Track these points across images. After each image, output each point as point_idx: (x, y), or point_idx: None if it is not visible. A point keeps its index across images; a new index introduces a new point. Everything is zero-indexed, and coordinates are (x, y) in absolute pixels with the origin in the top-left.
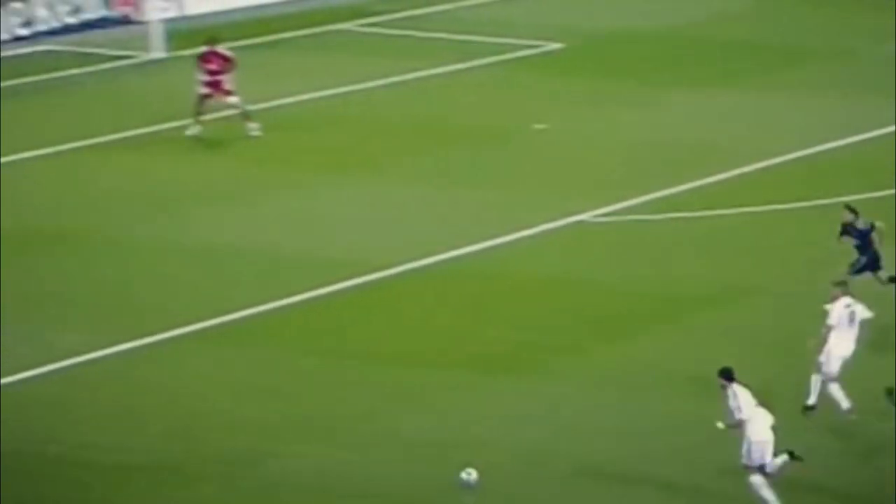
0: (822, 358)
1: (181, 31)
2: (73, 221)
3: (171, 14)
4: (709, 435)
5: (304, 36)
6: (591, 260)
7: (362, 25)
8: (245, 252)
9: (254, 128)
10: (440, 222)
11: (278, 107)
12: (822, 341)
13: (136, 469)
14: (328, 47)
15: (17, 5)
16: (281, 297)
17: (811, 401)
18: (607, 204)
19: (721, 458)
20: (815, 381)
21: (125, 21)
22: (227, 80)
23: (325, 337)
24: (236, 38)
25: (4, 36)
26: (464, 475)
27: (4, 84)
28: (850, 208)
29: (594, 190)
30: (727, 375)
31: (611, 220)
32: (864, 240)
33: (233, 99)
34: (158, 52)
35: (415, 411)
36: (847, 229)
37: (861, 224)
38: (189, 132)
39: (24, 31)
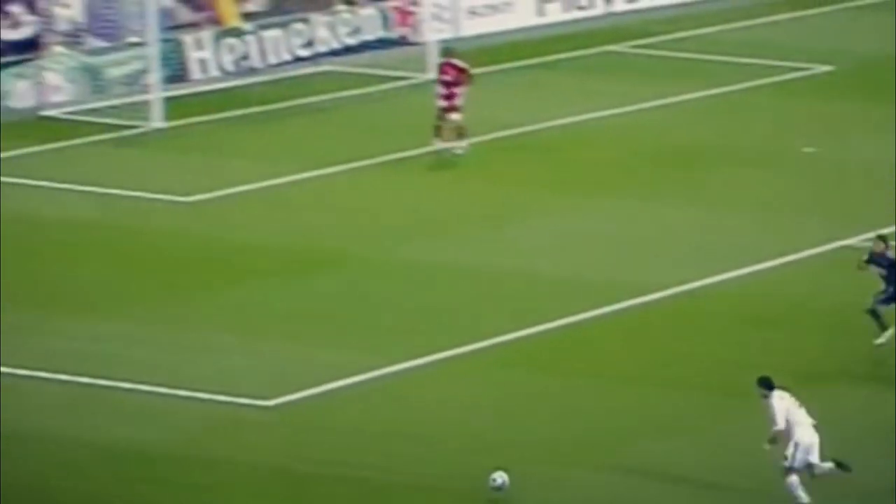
0: None
1: (459, 53)
2: (344, 241)
3: (447, 35)
4: None
5: (577, 57)
6: (857, 286)
7: (634, 47)
8: (507, 275)
9: (461, 147)
10: (705, 246)
11: (547, 128)
12: None
13: (393, 487)
14: (599, 69)
15: (300, 26)
16: (542, 321)
17: None
18: (876, 229)
19: None
20: None
21: (403, 42)
22: (460, 94)
23: (586, 361)
24: (510, 60)
25: (286, 56)
26: (495, 476)
27: (286, 104)
28: (881, 237)
29: (862, 214)
30: (766, 384)
31: None
32: (891, 270)
33: (455, 116)
34: (434, 73)
35: (672, 435)
36: (875, 259)
37: (891, 254)
38: (455, 151)
39: (304, 52)
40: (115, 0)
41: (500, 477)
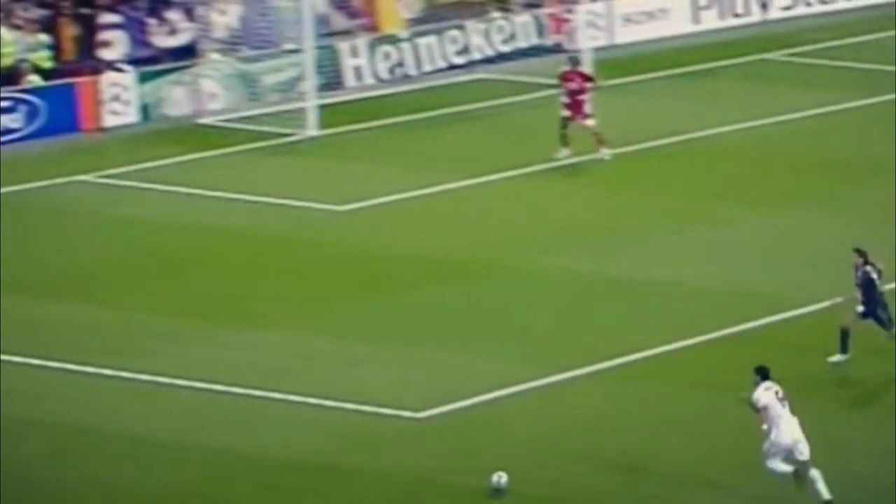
0: None
1: (613, 60)
2: (496, 251)
3: (602, 43)
4: None
5: (731, 65)
6: None
7: (789, 55)
8: (655, 285)
9: (606, 153)
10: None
11: (699, 137)
12: None
13: (544, 500)
14: (754, 77)
15: (455, 33)
16: (696, 333)
17: None
18: None
19: None
20: None
21: (557, 50)
22: (587, 101)
23: (742, 374)
24: (665, 67)
25: (441, 64)
26: (495, 478)
27: (440, 112)
28: (858, 251)
29: None
30: (761, 373)
31: None
32: (866, 287)
33: (590, 122)
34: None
35: (831, 453)
36: (856, 274)
37: (871, 270)
38: (558, 156)
39: (459, 60)
40: (271, 7)
41: (500, 478)
